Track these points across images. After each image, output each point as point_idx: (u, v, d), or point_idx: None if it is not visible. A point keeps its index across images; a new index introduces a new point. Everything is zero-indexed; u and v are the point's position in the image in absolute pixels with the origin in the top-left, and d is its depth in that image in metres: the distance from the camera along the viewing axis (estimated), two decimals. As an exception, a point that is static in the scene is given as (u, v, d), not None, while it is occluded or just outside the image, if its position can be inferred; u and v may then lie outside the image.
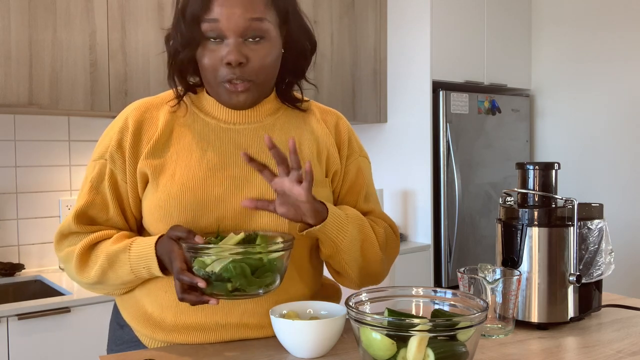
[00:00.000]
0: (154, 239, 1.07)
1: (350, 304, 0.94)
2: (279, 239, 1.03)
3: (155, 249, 1.06)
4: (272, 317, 1.02)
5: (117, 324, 1.22)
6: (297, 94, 1.23)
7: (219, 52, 1.05)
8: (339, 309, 1.07)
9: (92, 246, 1.12)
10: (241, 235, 1.02)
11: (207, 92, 1.16)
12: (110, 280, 1.12)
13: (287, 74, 1.18)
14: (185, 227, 1.04)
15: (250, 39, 1.06)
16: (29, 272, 2.46)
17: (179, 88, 1.15)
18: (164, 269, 1.07)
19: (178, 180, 1.09)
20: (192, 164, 1.10)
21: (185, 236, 1.01)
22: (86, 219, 1.13)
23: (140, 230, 1.18)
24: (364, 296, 1.01)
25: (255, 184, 1.11)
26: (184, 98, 1.16)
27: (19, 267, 2.40)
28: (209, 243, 1.01)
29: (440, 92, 3.04)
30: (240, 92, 1.08)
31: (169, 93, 1.18)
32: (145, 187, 1.13)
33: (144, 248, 1.07)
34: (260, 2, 1.06)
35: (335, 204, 1.23)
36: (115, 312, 1.24)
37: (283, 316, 1.04)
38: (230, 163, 1.12)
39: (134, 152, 1.11)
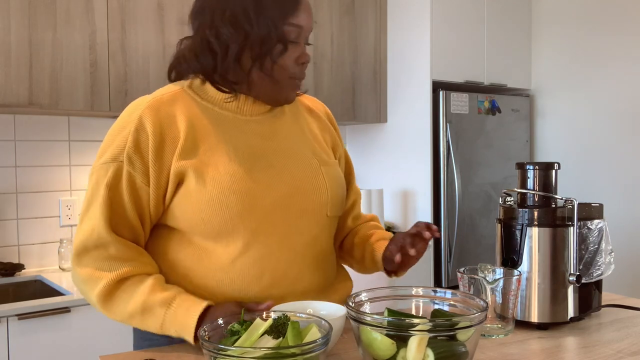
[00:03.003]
0: (200, 307, 1.05)
1: (350, 304, 0.94)
2: (314, 328, 0.88)
3: (200, 319, 1.04)
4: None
5: None
6: None
7: (294, 52, 1.13)
8: (338, 308, 1.07)
9: (122, 281, 1.08)
10: (269, 322, 0.89)
11: (217, 89, 1.17)
12: (132, 323, 1.09)
13: None
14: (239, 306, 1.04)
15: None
16: (29, 272, 2.46)
17: (234, 79, 1.15)
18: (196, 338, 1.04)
19: (224, 172, 1.09)
20: (231, 156, 1.11)
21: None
22: (113, 225, 1.09)
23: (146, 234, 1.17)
24: (363, 296, 1.01)
25: (292, 169, 1.17)
26: (186, 92, 1.16)
27: (19, 267, 2.40)
28: (232, 331, 0.90)
29: (440, 92, 3.04)
30: (298, 89, 1.20)
31: (172, 88, 1.17)
32: (175, 188, 1.10)
33: (186, 315, 1.04)
34: None
35: None
36: None
37: None
38: (263, 153, 1.16)
39: (159, 154, 1.09)
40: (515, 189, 1.27)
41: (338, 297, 1.24)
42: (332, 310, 1.07)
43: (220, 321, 0.91)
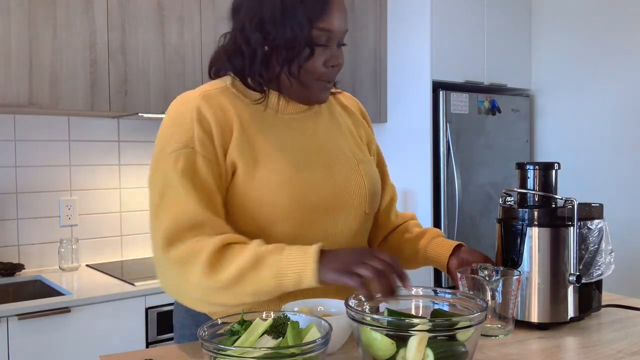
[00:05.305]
0: (316, 246, 1.01)
1: (350, 304, 0.94)
2: (314, 328, 0.87)
3: (321, 256, 1.00)
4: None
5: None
6: None
7: (323, 55, 1.13)
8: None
9: (227, 245, 1.05)
10: (269, 322, 0.87)
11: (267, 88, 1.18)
12: (243, 287, 1.02)
13: None
14: None
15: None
16: (29, 272, 2.46)
17: (266, 81, 1.16)
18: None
19: (273, 170, 1.11)
20: (279, 154, 1.13)
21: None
22: (206, 205, 1.07)
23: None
24: (363, 296, 1.01)
25: (334, 167, 1.19)
26: (230, 89, 1.17)
27: (19, 267, 2.40)
28: (232, 331, 0.88)
29: (440, 92, 3.04)
30: (329, 90, 1.20)
31: (216, 84, 1.18)
32: (231, 178, 1.12)
33: (303, 251, 1.01)
34: None
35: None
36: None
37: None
38: (307, 150, 1.18)
39: (222, 141, 1.11)
40: (515, 189, 1.26)
41: None
42: (342, 308, 1.06)
43: (220, 321, 0.92)
